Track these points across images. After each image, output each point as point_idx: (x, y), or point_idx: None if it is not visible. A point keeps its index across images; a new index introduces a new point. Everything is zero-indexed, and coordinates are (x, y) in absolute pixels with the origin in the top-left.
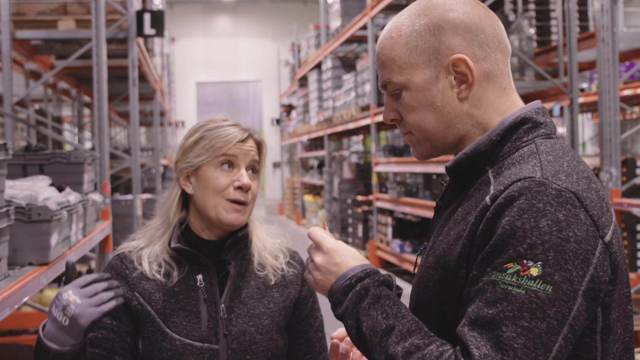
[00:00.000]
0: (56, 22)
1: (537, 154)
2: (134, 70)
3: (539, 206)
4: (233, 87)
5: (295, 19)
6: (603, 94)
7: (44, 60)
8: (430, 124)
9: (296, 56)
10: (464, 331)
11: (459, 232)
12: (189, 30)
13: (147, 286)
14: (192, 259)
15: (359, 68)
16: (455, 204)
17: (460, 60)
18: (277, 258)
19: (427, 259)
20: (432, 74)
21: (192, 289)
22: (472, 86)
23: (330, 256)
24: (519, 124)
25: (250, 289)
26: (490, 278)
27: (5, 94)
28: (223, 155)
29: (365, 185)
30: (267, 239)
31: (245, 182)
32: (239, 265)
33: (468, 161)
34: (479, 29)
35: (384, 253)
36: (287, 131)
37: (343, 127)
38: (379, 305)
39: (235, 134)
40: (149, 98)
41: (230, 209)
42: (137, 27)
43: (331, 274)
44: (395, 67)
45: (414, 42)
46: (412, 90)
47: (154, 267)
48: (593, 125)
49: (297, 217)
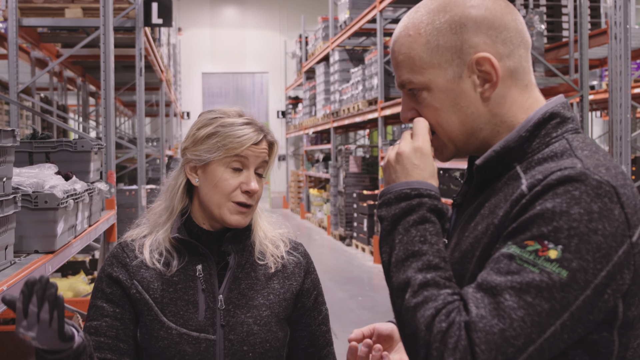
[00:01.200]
0: (63, 10)
1: (571, 150)
2: (140, 60)
3: (575, 193)
4: (239, 79)
5: (303, 10)
6: (614, 91)
7: (50, 48)
8: (454, 124)
9: (303, 48)
10: (468, 290)
11: (487, 225)
12: (195, 21)
13: (146, 274)
14: (192, 249)
15: (367, 61)
16: (480, 200)
17: (485, 59)
18: (277, 247)
19: (453, 255)
20: (455, 73)
21: (191, 278)
22: (496, 85)
23: (415, 154)
24: (547, 119)
25: (249, 280)
26: (509, 251)
27: (11, 82)
28: (235, 157)
29: (371, 179)
30: (268, 227)
31: (253, 188)
32: (239, 256)
33: (497, 158)
34: (502, 25)
35: None
36: (293, 124)
37: (350, 121)
38: (422, 228)
39: (250, 136)
40: (155, 88)
41: (235, 211)
42: (144, 16)
43: (400, 171)
44: (415, 67)
45: (435, 41)
46: (434, 91)
47: (155, 256)
48: (602, 123)
49: (301, 210)
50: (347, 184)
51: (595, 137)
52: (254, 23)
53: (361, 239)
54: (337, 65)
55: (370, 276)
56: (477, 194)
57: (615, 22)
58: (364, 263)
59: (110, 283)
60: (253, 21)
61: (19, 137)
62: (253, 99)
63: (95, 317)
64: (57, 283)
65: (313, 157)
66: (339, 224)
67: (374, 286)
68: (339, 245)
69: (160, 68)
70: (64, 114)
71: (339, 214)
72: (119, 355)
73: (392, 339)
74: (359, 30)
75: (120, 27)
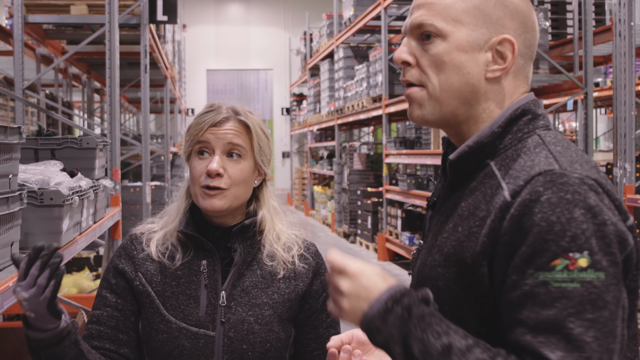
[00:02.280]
0: (68, 7)
1: (544, 144)
2: (145, 57)
3: (567, 197)
4: (244, 75)
5: (307, 7)
6: (618, 88)
7: (56, 45)
8: (452, 86)
9: (308, 45)
10: (527, 339)
11: (470, 228)
12: (200, 18)
13: (151, 267)
14: (197, 244)
15: (372, 58)
16: (455, 199)
17: (509, 42)
18: (289, 250)
19: (433, 258)
20: (479, 39)
21: (194, 273)
22: (505, 70)
23: (357, 280)
24: (519, 115)
25: (255, 277)
26: (538, 279)
27: (16, 78)
28: (198, 143)
29: (375, 176)
30: (283, 229)
31: (210, 168)
32: (245, 253)
33: (470, 154)
34: (531, 27)
35: (393, 245)
36: (297, 121)
37: (354, 118)
38: (426, 325)
39: (207, 120)
40: (160, 85)
41: (204, 195)
42: (149, 13)
43: (360, 299)
44: (445, 13)
45: (474, 1)
46: (450, 44)
47: (161, 250)
48: (606, 120)
49: (305, 207)
50: (351, 181)
51: (600, 134)
52: (258, 20)
53: (365, 236)
54: (341, 62)
55: None
56: (450, 191)
57: (619, 20)
58: (368, 260)
59: (116, 274)
60: (257, 18)
61: (25, 134)
62: (257, 96)
63: (99, 307)
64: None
65: (317, 154)
66: (343, 221)
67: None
68: (343, 243)
69: (165, 65)
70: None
71: (343, 211)
72: (117, 346)
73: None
74: (363, 27)
75: (125, 24)
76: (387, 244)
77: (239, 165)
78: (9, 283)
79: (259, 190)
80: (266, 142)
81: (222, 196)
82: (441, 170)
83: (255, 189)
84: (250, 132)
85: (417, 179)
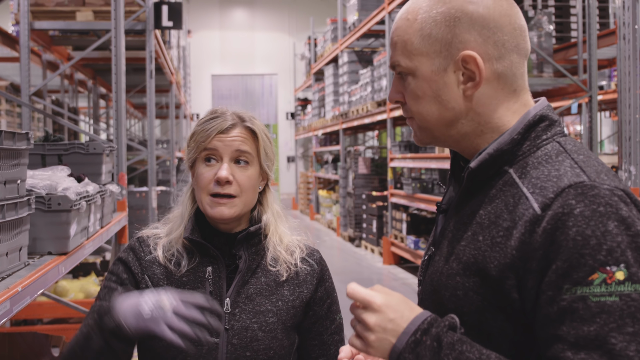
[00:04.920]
0: (74, 13)
1: (566, 153)
2: (151, 62)
3: (600, 210)
4: (248, 80)
5: (311, 12)
6: (623, 91)
7: (62, 51)
8: (433, 115)
9: (312, 50)
10: (567, 356)
11: (493, 238)
12: (205, 23)
13: (158, 271)
14: (203, 251)
15: (376, 63)
16: (471, 206)
17: (470, 58)
18: (292, 253)
19: (450, 266)
20: (441, 65)
21: (199, 280)
22: (478, 85)
23: (383, 313)
24: (537, 121)
25: (259, 285)
26: (576, 294)
27: (23, 84)
28: (205, 150)
29: (380, 180)
30: (286, 232)
31: (220, 175)
32: (250, 259)
33: (490, 161)
34: (497, 26)
35: (398, 249)
36: (302, 125)
37: (358, 122)
38: (458, 354)
39: (215, 127)
40: (165, 90)
41: (213, 204)
42: (154, 19)
43: (388, 332)
44: (406, 51)
45: (427, 30)
46: (419, 79)
47: (167, 255)
48: (611, 124)
49: (310, 211)
50: (356, 185)
51: (605, 137)
52: (263, 25)
53: (370, 240)
54: (346, 66)
55: (380, 277)
56: (465, 198)
57: (623, 23)
58: (373, 264)
59: (126, 270)
60: (262, 23)
61: (32, 139)
62: (262, 101)
63: (106, 298)
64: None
65: (322, 159)
66: (348, 225)
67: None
68: (348, 247)
69: (170, 70)
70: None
71: (348, 215)
72: None
73: None
74: (367, 32)
75: (130, 29)
76: (392, 248)
77: (247, 172)
78: (17, 288)
79: (263, 195)
80: (271, 147)
81: (232, 204)
82: (450, 175)
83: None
84: (257, 138)
85: (422, 183)
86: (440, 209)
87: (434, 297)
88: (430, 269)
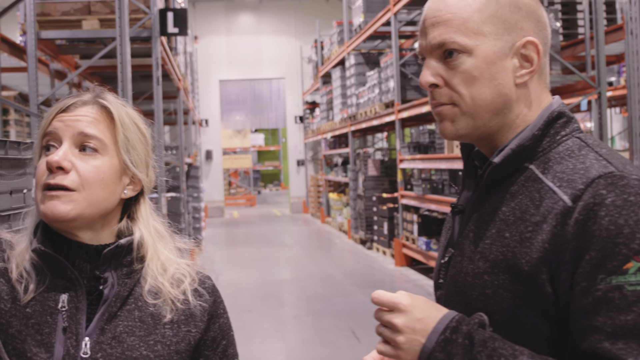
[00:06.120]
0: (80, 22)
1: (588, 147)
2: (157, 69)
3: (631, 199)
4: (256, 85)
5: (317, 15)
6: (632, 87)
7: (69, 59)
8: (486, 100)
9: (319, 53)
10: (605, 346)
11: (521, 234)
12: (211, 29)
13: (3, 288)
14: (56, 271)
15: (383, 64)
16: (493, 204)
17: (533, 44)
18: (179, 284)
19: (476, 265)
20: (502, 48)
21: (48, 312)
22: (533, 74)
23: (411, 314)
24: (555, 118)
25: (131, 321)
26: (611, 284)
27: (31, 94)
28: (45, 136)
29: (390, 182)
30: (170, 257)
31: (51, 159)
32: (119, 284)
33: (513, 157)
34: (544, 23)
35: (410, 251)
36: (311, 128)
37: (367, 124)
38: (491, 350)
39: (57, 105)
40: (173, 96)
41: (44, 198)
42: (160, 25)
43: (417, 332)
44: (465, 28)
45: (491, 10)
46: (478, 59)
47: (15, 275)
48: (622, 120)
49: (321, 215)
50: (366, 187)
51: (615, 133)
52: (269, 29)
53: (382, 242)
54: (353, 69)
55: (392, 279)
56: (484, 196)
57: (631, 18)
58: (385, 266)
59: None
60: (268, 27)
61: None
62: (270, 105)
63: None
64: None
65: (332, 162)
66: (359, 228)
67: (396, 289)
68: (360, 249)
69: (178, 76)
70: None
71: (359, 218)
72: None
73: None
74: (373, 34)
75: (136, 37)
76: (403, 250)
77: (95, 161)
78: None
79: (134, 206)
80: (140, 138)
81: (69, 199)
82: (465, 175)
83: (128, 204)
84: (114, 119)
85: (432, 184)
86: (455, 210)
87: (460, 298)
88: (452, 270)
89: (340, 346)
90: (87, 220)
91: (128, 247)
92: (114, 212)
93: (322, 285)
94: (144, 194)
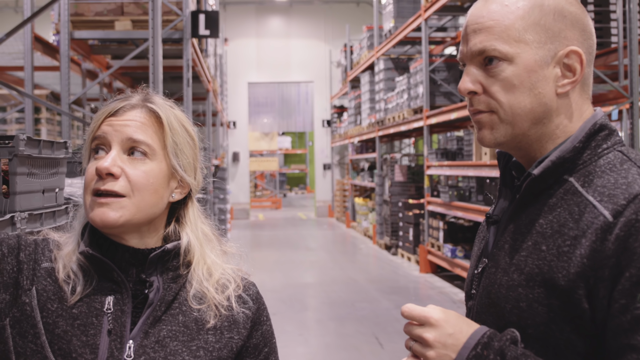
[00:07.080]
0: (113, 23)
1: (631, 161)
2: (188, 71)
3: None
4: (284, 88)
5: (347, 20)
6: None
7: (100, 60)
8: (525, 108)
9: (348, 57)
10: None
11: (559, 248)
12: (241, 31)
13: (50, 288)
14: (102, 273)
15: (412, 70)
16: (530, 216)
17: (577, 54)
18: (223, 290)
19: (511, 277)
20: (544, 57)
21: (94, 313)
22: (575, 84)
23: (442, 328)
24: (597, 130)
25: (175, 325)
26: None
27: (63, 93)
28: (94, 140)
29: (417, 188)
30: (217, 262)
31: (100, 166)
32: (165, 288)
33: (552, 169)
34: (589, 32)
35: (435, 257)
36: (338, 133)
37: (395, 129)
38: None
39: (106, 109)
40: (202, 98)
41: (94, 204)
42: (192, 27)
43: (448, 347)
44: (506, 35)
45: (534, 18)
46: (519, 67)
47: (64, 274)
48: None
49: (347, 219)
50: (392, 192)
51: None
52: (299, 33)
53: (407, 248)
54: (382, 74)
55: (417, 286)
56: (521, 207)
57: None
58: (409, 272)
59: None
60: (298, 31)
61: (71, 148)
62: (298, 108)
63: None
64: None
65: (358, 166)
66: (385, 233)
67: (420, 296)
68: (385, 255)
69: (207, 78)
70: None
71: (385, 223)
72: None
73: None
74: (403, 39)
75: (168, 38)
76: (428, 256)
77: (144, 166)
78: None
79: (182, 209)
80: (188, 142)
81: (119, 205)
82: (501, 184)
83: (175, 207)
84: (162, 125)
85: (459, 191)
86: (490, 220)
87: (492, 310)
88: (485, 282)
89: (363, 352)
90: (135, 225)
91: (175, 252)
92: (161, 216)
93: (346, 290)
94: (191, 196)
